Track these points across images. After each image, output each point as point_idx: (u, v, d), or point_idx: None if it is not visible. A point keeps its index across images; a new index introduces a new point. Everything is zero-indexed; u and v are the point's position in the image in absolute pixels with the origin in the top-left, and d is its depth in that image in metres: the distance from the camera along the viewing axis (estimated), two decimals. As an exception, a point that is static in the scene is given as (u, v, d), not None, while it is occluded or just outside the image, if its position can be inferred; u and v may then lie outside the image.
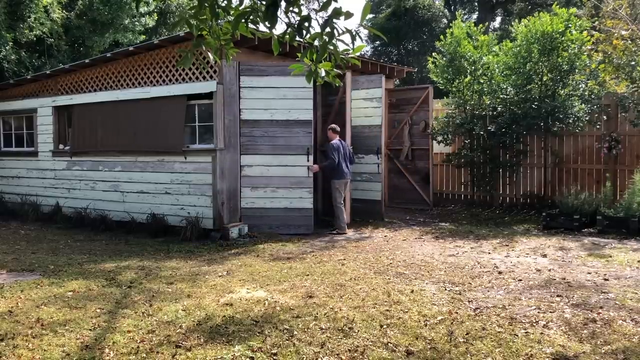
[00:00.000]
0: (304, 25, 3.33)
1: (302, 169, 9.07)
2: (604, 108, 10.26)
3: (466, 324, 4.51)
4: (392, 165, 12.06)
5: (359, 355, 3.94)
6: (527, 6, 24.51)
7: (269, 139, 9.07)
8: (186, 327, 4.53)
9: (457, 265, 6.61)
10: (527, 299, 5.20)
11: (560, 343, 4.10)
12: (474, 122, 10.80)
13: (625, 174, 10.05)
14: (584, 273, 6.14)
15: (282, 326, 4.52)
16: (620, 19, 10.24)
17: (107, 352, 4.03)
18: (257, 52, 9.19)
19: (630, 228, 8.29)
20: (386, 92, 11.31)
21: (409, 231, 9.19)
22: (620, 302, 5.02)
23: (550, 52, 9.95)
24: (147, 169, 9.63)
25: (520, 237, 8.41)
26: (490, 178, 11.24)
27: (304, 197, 9.08)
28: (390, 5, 27.85)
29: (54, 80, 11.19)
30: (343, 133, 9.63)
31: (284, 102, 9.01)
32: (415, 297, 5.30)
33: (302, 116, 9.05)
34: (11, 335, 4.34)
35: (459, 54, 10.80)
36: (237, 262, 7.07)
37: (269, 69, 9.01)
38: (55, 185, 11.12)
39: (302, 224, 9.09)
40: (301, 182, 9.07)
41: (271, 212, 9.11)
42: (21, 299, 5.39)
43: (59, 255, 7.63)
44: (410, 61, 25.60)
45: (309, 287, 5.69)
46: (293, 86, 8.92)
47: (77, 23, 14.74)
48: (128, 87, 9.90)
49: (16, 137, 12.24)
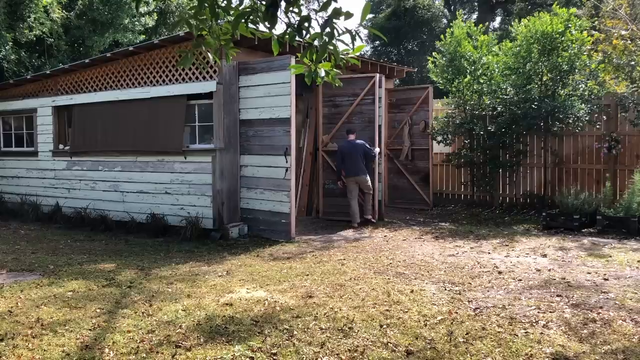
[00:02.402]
0: (304, 26, 3.33)
1: (281, 170, 8.54)
2: (603, 108, 10.26)
3: (466, 324, 4.51)
4: (392, 165, 12.06)
5: (358, 355, 3.94)
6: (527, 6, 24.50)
7: (258, 138, 8.87)
8: (186, 327, 4.53)
9: (457, 265, 6.60)
10: (527, 298, 5.20)
11: (560, 343, 4.10)
12: (473, 122, 10.80)
13: (625, 174, 10.05)
14: (584, 273, 6.14)
15: (282, 326, 4.52)
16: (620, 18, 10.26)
17: (107, 352, 4.02)
18: (257, 52, 9.18)
19: (630, 228, 8.29)
20: (386, 92, 11.32)
21: (409, 231, 9.19)
22: (620, 302, 5.02)
23: (550, 52, 9.95)
24: (147, 168, 9.62)
25: (520, 237, 8.41)
26: (490, 178, 11.25)
27: (283, 201, 8.51)
28: (390, 5, 27.85)
29: (54, 80, 11.19)
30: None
31: (269, 100, 8.65)
32: (415, 297, 5.30)
33: (282, 114, 8.51)
34: (11, 335, 4.34)
35: (459, 54, 10.80)
36: (237, 262, 7.08)
37: (258, 65, 8.79)
38: (55, 185, 11.12)
39: (282, 230, 8.53)
40: (280, 185, 8.54)
41: (260, 214, 8.85)
42: (21, 298, 5.39)
43: (58, 255, 7.62)
44: (410, 61, 25.60)
45: (309, 287, 5.69)
46: (276, 82, 8.51)
47: (77, 23, 14.74)
48: (128, 87, 9.90)
49: (16, 137, 12.24)
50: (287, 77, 8.32)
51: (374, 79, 9.99)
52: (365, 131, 10.01)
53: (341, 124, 10.22)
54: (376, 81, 9.98)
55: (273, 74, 8.53)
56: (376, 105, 9.96)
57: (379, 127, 10.04)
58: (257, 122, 8.85)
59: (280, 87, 8.48)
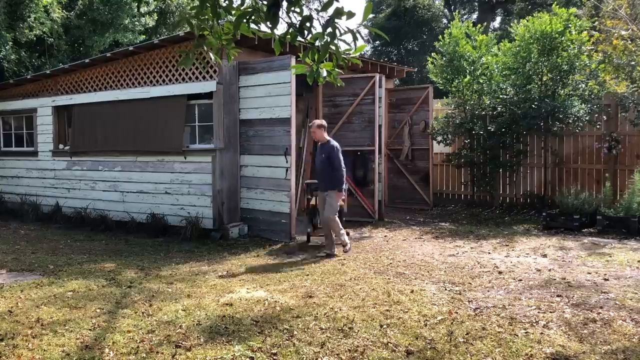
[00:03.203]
0: (306, 26, 3.32)
1: (281, 170, 8.48)
2: (604, 108, 10.26)
3: (466, 324, 4.51)
4: (392, 165, 12.06)
5: (358, 355, 3.94)
6: (527, 6, 24.50)
7: (258, 138, 8.83)
8: (186, 327, 4.53)
9: (457, 265, 6.60)
10: (527, 298, 5.20)
11: (560, 343, 4.10)
12: (473, 122, 10.80)
13: (625, 174, 10.05)
14: (584, 273, 6.14)
15: (282, 326, 4.52)
16: (620, 18, 10.26)
17: (107, 352, 4.02)
18: (257, 52, 9.18)
19: (630, 228, 8.29)
20: (386, 92, 11.31)
21: (409, 231, 9.19)
22: (620, 302, 5.02)
23: (549, 52, 9.95)
24: (147, 168, 9.62)
25: (520, 237, 8.41)
26: (490, 178, 11.25)
27: (283, 201, 8.45)
28: (390, 5, 27.84)
29: (54, 80, 11.19)
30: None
31: (269, 100, 8.61)
32: (415, 297, 5.30)
33: (283, 114, 8.46)
34: (11, 335, 4.34)
35: (458, 54, 10.80)
36: (237, 262, 7.07)
37: (258, 65, 8.78)
38: (55, 185, 11.11)
39: (282, 230, 8.49)
40: (280, 185, 8.49)
41: (260, 214, 8.82)
42: (21, 298, 5.39)
43: (58, 255, 7.62)
44: (410, 61, 25.59)
45: (309, 287, 5.69)
46: (277, 82, 8.47)
47: (77, 23, 14.73)
48: (128, 87, 9.89)
49: (16, 137, 12.24)
50: (287, 77, 8.32)
51: (374, 79, 9.99)
52: (365, 131, 10.01)
53: (341, 124, 10.21)
54: (376, 81, 9.98)
55: (273, 73, 8.52)
56: (376, 105, 9.96)
57: (379, 127, 10.03)
58: (257, 122, 8.83)
59: (280, 87, 8.46)
